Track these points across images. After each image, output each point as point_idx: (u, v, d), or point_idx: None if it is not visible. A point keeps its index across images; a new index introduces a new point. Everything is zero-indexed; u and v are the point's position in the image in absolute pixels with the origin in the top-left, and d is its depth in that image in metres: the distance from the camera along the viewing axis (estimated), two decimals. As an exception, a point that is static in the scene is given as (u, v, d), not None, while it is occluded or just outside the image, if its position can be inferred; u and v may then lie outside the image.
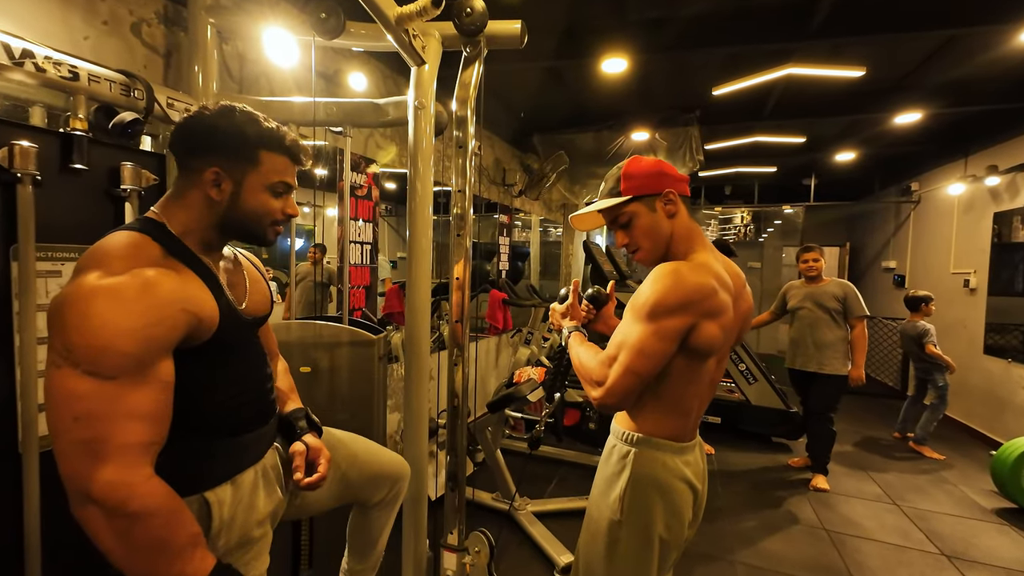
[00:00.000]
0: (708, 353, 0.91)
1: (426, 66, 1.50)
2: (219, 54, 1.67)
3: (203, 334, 0.79)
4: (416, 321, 1.54)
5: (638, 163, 1.01)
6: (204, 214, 0.83)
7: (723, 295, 0.90)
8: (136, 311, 0.68)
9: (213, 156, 0.82)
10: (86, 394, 0.65)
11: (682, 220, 0.99)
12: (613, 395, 0.89)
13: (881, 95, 3.17)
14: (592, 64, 2.75)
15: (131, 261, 0.72)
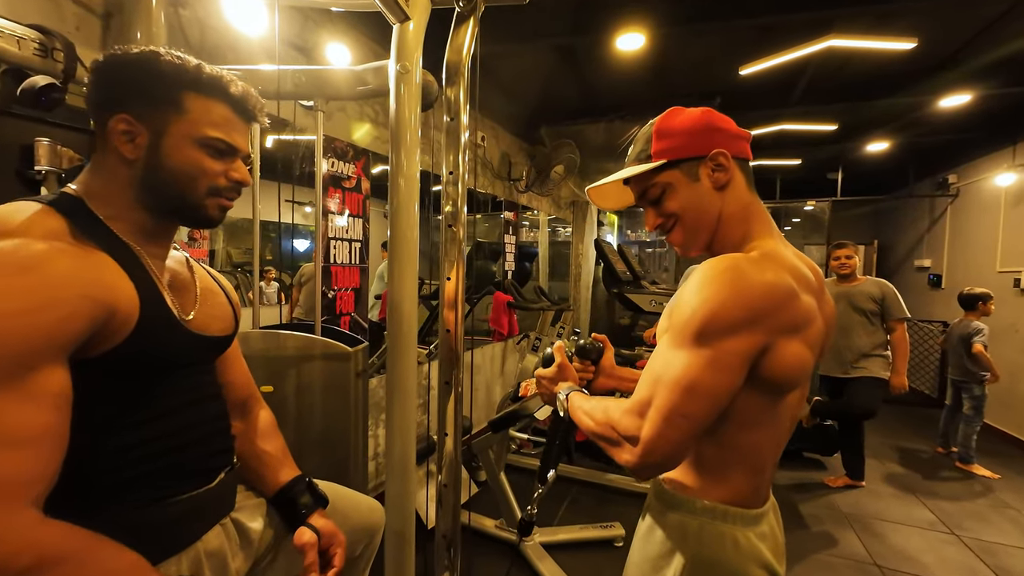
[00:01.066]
0: (791, 385, 0.64)
1: (411, 23, 1.24)
2: (172, 19, 1.44)
3: (114, 335, 0.59)
4: (400, 330, 1.28)
5: (676, 116, 0.73)
6: (122, 182, 0.65)
7: (806, 299, 0.63)
8: (12, 290, 0.51)
9: (123, 102, 0.64)
10: None
11: (737, 194, 0.71)
12: (656, 452, 0.60)
13: (927, 74, 2.86)
14: (606, 42, 2.48)
15: (17, 232, 0.55)
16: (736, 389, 0.60)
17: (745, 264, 0.62)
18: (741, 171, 0.71)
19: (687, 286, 0.63)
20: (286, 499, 0.82)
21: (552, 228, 6.05)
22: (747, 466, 0.68)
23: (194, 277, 0.77)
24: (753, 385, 0.62)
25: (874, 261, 5.94)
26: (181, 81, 0.64)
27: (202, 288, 0.77)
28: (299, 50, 1.88)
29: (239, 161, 0.71)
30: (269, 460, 0.85)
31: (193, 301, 0.74)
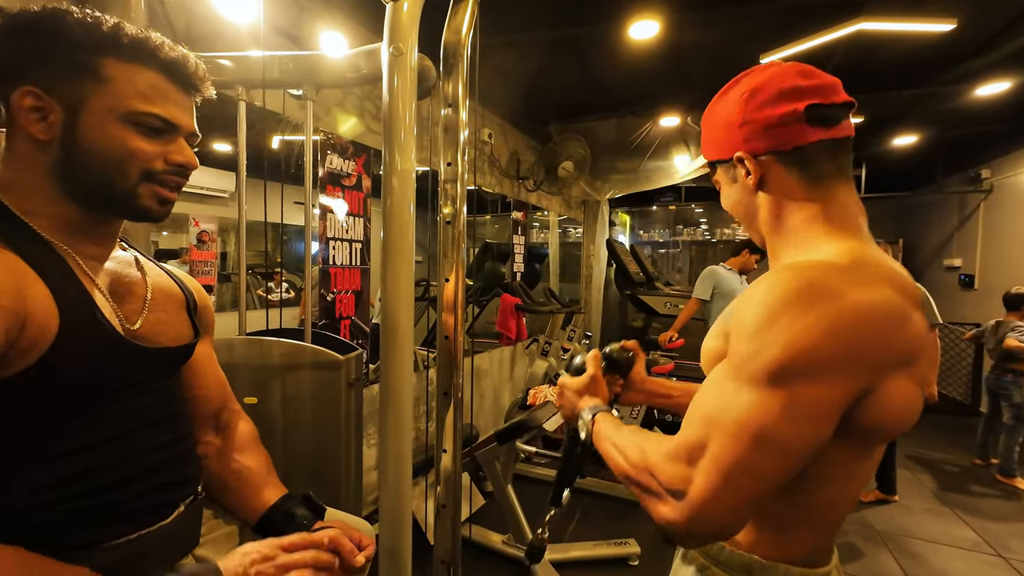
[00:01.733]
0: (893, 433, 0.50)
1: (405, 2, 1.14)
2: (156, 5, 1.35)
3: (25, 352, 0.50)
4: (395, 336, 1.17)
5: (717, 101, 0.61)
6: (38, 169, 0.55)
7: (917, 319, 0.49)
8: None
9: (27, 73, 0.53)
10: None
11: (778, 193, 0.57)
12: (708, 517, 0.45)
13: (962, 60, 2.68)
14: (617, 31, 2.36)
15: None
16: (824, 441, 0.46)
17: (836, 277, 0.46)
18: (786, 165, 0.56)
19: (753, 297, 0.49)
20: (278, 519, 0.70)
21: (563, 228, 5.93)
22: (818, 524, 0.55)
23: (145, 279, 0.66)
24: (843, 435, 0.47)
25: (899, 261, 5.70)
26: (97, 44, 0.54)
27: (154, 291, 0.66)
28: (293, 40, 1.80)
29: (181, 140, 0.60)
30: (250, 477, 0.74)
31: (140, 307, 0.63)
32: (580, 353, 0.78)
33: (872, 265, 0.50)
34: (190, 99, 0.63)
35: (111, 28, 0.55)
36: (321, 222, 2.00)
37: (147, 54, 0.57)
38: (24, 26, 0.53)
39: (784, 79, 0.56)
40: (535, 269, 4.25)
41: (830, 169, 0.56)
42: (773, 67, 0.58)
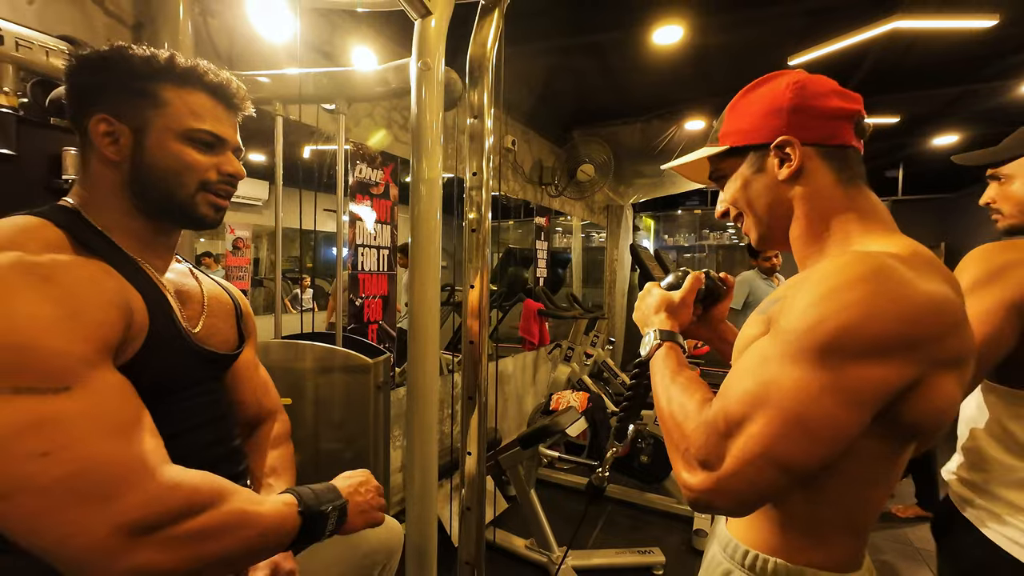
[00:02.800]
0: (932, 432, 0.49)
1: (432, 18, 1.18)
2: (201, 28, 1.44)
3: (125, 349, 0.56)
4: (422, 341, 1.21)
5: (754, 91, 0.60)
6: (112, 188, 0.62)
7: (969, 324, 0.48)
8: (56, 299, 0.49)
9: (99, 101, 0.61)
10: (45, 419, 0.45)
11: (818, 189, 0.56)
12: (730, 492, 0.46)
13: (1005, 56, 2.56)
14: (641, 36, 2.36)
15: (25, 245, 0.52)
16: (858, 433, 0.45)
17: (900, 266, 0.45)
18: (826, 160, 0.56)
19: (810, 277, 0.48)
20: None
21: (586, 233, 5.91)
22: (852, 527, 0.54)
23: (201, 288, 0.74)
24: (883, 430, 0.47)
25: (941, 265, 5.44)
26: (155, 73, 0.61)
27: (209, 299, 0.74)
28: (326, 56, 1.88)
29: (229, 153, 0.67)
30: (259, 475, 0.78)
31: (199, 313, 0.70)
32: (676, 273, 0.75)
33: (931, 261, 0.49)
34: (234, 116, 0.69)
35: (166, 59, 0.62)
36: (351, 229, 2.06)
37: (196, 79, 0.64)
38: (95, 62, 0.61)
39: (830, 82, 0.57)
40: (558, 274, 4.25)
41: (860, 174, 0.57)
42: (812, 74, 0.58)
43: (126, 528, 0.45)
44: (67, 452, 0.45)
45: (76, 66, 0.62)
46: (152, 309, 0.59)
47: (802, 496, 0.52)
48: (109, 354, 0.52)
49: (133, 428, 0.51)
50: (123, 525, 0.45)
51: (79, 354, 0.49)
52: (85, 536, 0.44)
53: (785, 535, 0.55)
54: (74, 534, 0.43)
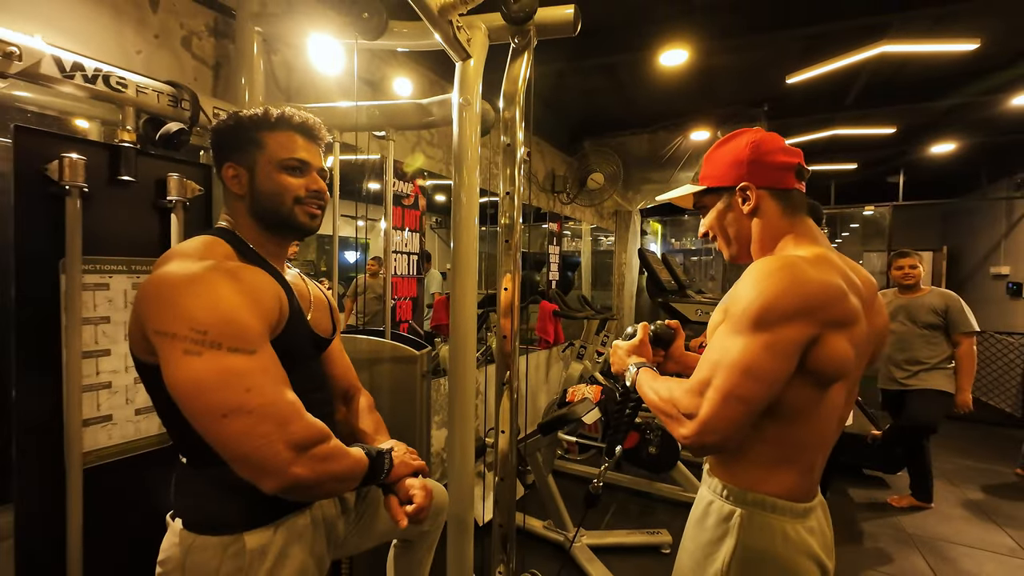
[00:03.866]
0: (835, 377, 0.70)
1: (471, 60, 1.39)
2: (266, 64, 1.66)
3: (276, 330, 0.78)
4: (462, 337, 1.41)
5: (722, 146, 0.83)
6: (244, 213, 0.85)
7: (853, 300, 0.70)
8: (243, 291, 0.72)
9: (226, 154, 0.85)
10: (245, 368, 0.66)
11: (770, 219, 0.79)
12: (712, 430, 0.68)
13: (995, 72, 2.73)
14: (648, 58, 2.55)
15: (211, 255, 0.75)
16: (789, 374, 0.67)
17: (801, 262, 0.69)
18: (775, 199, 0.78)
19: (743, 281, 0.71)
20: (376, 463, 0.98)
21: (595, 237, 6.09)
22: (795, 462, 0.74)
23: (308, 287, 0.96)
24: (801, 376, 0.68)
25: (943, 269, 5.55)
26: (258, 125, 0.83)
27: (315, 296, 0.96)
28: (370, 84, 2.09)
29: (314, 174, 0.87)
30: (364, 437, 1.00)
31: (308, 306, 0.92)
32: (632, 326, 1.00)
33: (829, 262, 0.71)
34: (316, 145, 0.90)
35: (263, 113, 0.84)
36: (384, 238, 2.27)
37: (285, 123, 0.85)
38: (223, 128, 0.85)
39: (779, 141, 0.79)
40: (569, 277, 4.44)
41: (799, 207, 0.79)
42: (760, 132, 0.81)
43: (293, 445, 0.66)
44: (259, 391, 0.66)
45: (214, 132, 0.86)
46: (290, 304, 0.81)
47: (758, 439, 0.73)
48: (269, 332, 0.74)
49: (287, 382, 0.72)
50: (292, 443, 0.66)
51: (259, 329, 0.71)
52: (270, 448, 0.65)
53: (746, 472, 0.76)
54: (263, 446, 0.64)
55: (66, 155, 1.09)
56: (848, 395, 0.76)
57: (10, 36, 1.00)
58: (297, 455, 0.67)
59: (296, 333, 0.82)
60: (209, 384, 0.64)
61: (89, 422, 1.17)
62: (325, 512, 0.89)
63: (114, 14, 1.31)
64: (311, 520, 0.84)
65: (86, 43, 1.26)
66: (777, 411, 0.70)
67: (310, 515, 0.84)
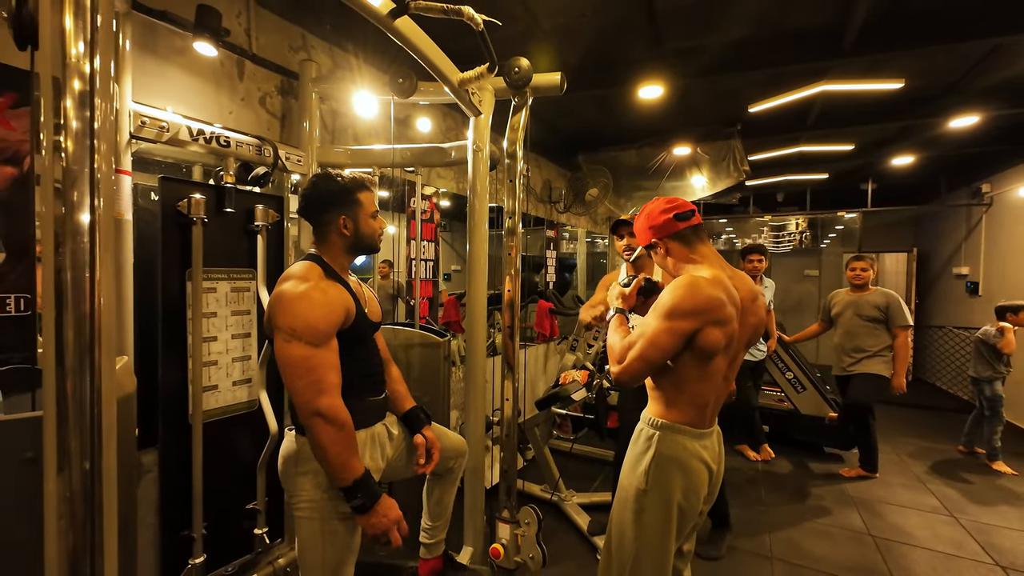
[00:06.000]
0: (711, 353, 1.11)
1: (482, 116, 1.82)
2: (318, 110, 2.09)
3: (348, 321, 1.20)
4: (475, 328, 1.84)
5: (638, 218, 1.28)
6: (339, 247, 1.29)
7: (729, 309, 1.11)
8: (325, 305, 1.14)
9: (336, 209, 1.26)
10: (308, 355, 1.09)
11: (679, 254, 1.22)
12: (625, 373, 1.13)
13: (930, 101, 3.15)
14: (629, 92, 2.97)
15: (311, 277, 1.17)
16: (677, 348, 1.10)
17: (701, 281, 1.11)
18: (675, 240, 1.21)
19: (668, 287, 1.13)
20: (410, 416, 1.42)
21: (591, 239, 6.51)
22: (694, 403, 1.17)
23: (362, 289, 1.38)
24: (691, 351, 1.11)
25: (914, 269, 5.97)
26: (355, 187, 1.27)
27: (368, 296, 1.38)
28: (399, 122, 2.52)
29: (380, 217, 1.33)
30: (399, 396, 1.44)
31: (365, 302, 1.34)
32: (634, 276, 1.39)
33: (720, 281, 1.13)
34: (375, 194, 1.33)
35: (352, 178, 1.27)
36: (406, 247, 2.70)
37: (365, 185, 1.29)
38: (334, 190, 1.25)
39: (660, 204, 1.24)
40: (565, 278, 4.86)
41: (695, 239, 1.21)
42: (654, 201, 1.25)
43: (315, 410, 1.08)
44: (314, 370, 1.08)
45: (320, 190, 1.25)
46: (356, 303, 1.23)
47: (670, 388, 1.17)
48: (337, 328, 1.15)
49: (336, 369, 1.13)
50: (316, 408, 1.07)
51: (327, 331, 1.12)
52: (305, 404, 1.08)
53: (666, 408, 1.20)
54: (303, 401, 1.08)
55: (193, 195, 1.52)
56: (730, 363, 1.19)
57: (161, 115, 1.43)
58: (314, 415, 1.07)
59: (361, 323, 1.24)
60: (291, 360, 1.07)
61: (206, 389, 1.60)
62: (376, 432, 1.31)
63: (215, 85, 1.74)
64: (368, 436, 1.28)
65: (196, 108, 1.69)
66: (682, 372, 1.14)
67: (367, 433, 1.28)
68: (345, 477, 1.10)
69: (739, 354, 1.22)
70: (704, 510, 1.25)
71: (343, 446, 1.09)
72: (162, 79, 1.59)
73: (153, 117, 1.41)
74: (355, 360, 1.23)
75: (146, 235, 1.50)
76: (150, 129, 1.41)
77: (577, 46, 2.59)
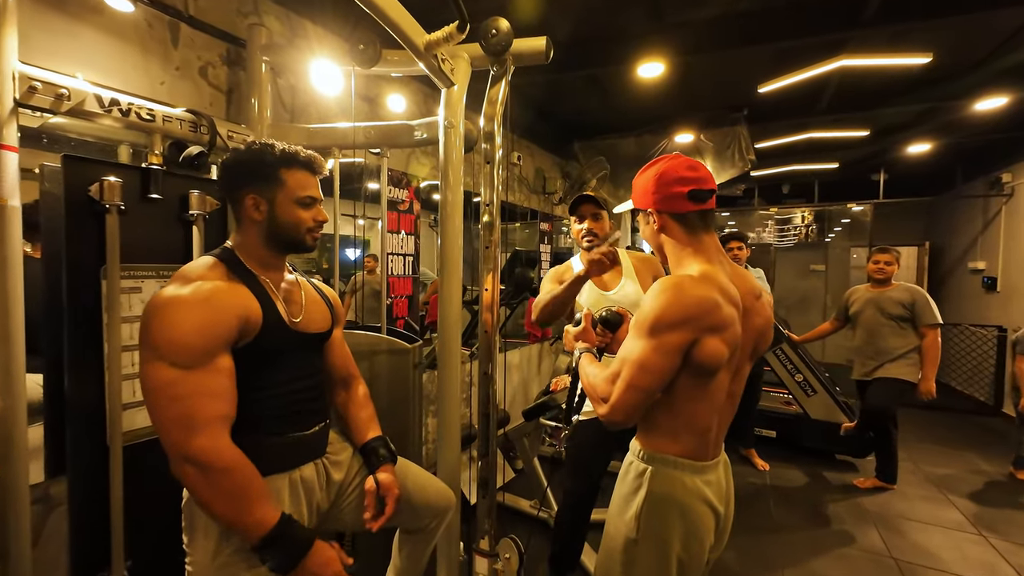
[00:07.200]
0: (713, 369, 0.88)
1: (455, 87, 1.57)
2: (273, 88, 1.84)
3: (250, 334, 0.94)
4: (448, 331, 1.60)
5: (643, 172, 1.00)
6: (253, 234, 1.01)
7: (727, 309, 0.87)
8: (205, 314, 0.87)
9: (248, 185, 0.99)
10: (174, 380, 0.83)
11: (673, 236, 0.96)
12: (617, 411, 0.88)
13: (956, 79, 2.89)
14: (628, 70, 2.72)
15: (199, 278, 0.91)
16: (675, 369, 0.86)
17: (686, 282, 0.87)
18: (675, 221, 0.95)
19: (648, 294, 0.89)
20: (367, 450, 1.15)
21: (588, 235, 6.26)
22: (692, 428, 0.93)
23: (301, 292, 1.11)
24: (688, 368, 0.87)
25: (925, 264, 5.72)
26: (279, 162, 0.98)
27: (307, 299, 1.11)
28: (366, 100, 2.27)
29: (319, 207, 1.05)
30: (359, 423, 1.19)
31: (300, 309, 1.08)
32: (581, 312, 1.18)
33: (711, 278, 0.89)
34: (317, 179, 1.07)
35: (280, 151, 1.00)
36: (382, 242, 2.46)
37: (298, 161, 1.01)
38: (245, 160, 0.99)
39: (679, 170, 0.95)
40: (561, 274, 4.62)
41: (700, 226, 0.95)
42: (675, 159, 0.97)
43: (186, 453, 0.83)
44: (184, 400, 0.83)
45: (235, 160, 1.00)
46: (265, 310, 0.96)
47: (663, 412, 0.93)
48: (226, 345, 0.89)
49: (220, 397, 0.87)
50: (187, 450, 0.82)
51: (203, 347, 0.85)
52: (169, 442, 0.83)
53: (656, 438, 0.96)
54: (167, 441, 0.83)
55: (105, 178, 1.28)
56: (734, 377, 0.95)
57: (59, 80, 1.19)
58: (183, 461, 0.82)
59: (272, 335, 0.96)
60: (151, 386, 0.83)
61: (127, 406, 1.37)
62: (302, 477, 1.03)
63: (142, 51, 1.49)
64: (287, 483, 1.00)
65: (118, 77, 1.44)
66: (676, 393, 0.90)
67: (285, 479, 1.00)
68: (249, 533, 0.85)
69: (744, 365, 0.98)
70: (712, 559, 1.02)
71: (233, 496, 0.84)
72: (72, 40, 1.35)
73: (48, 82, 1.17)
74: (266, 385, 0.98)
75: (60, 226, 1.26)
76: (43, 96, 1.16)
77: (568, 19, 2.34)
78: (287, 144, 1.03)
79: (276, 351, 1.00)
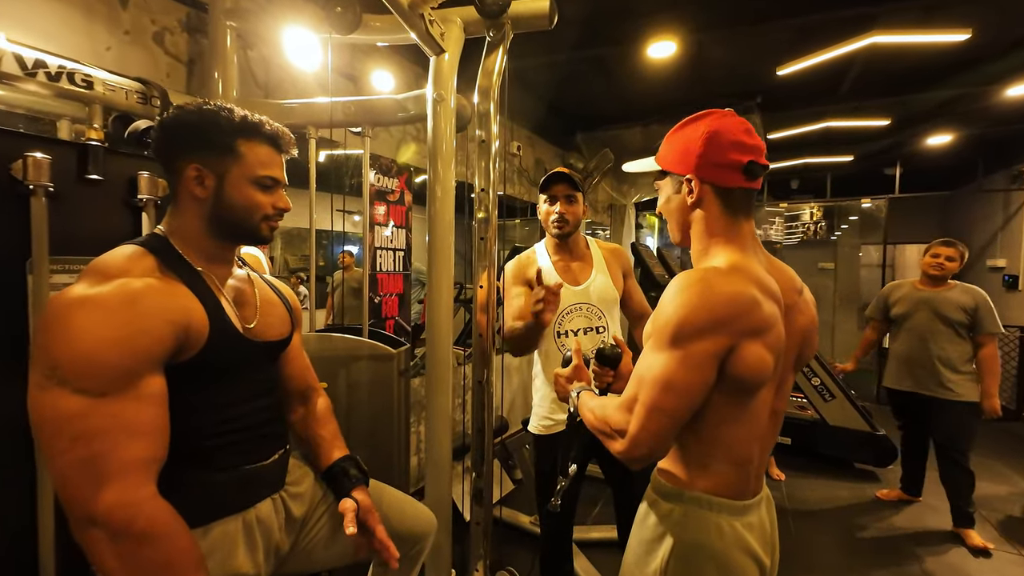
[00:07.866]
0: (756, 384, 0.69)
1: (446, 55, 1.37)
2: (242, 60, 1.64)
3: (192, 347, 0.73)
4: (437, 333, 1.41)
5: (683, 128, 0.78)
6: (194, 218, 0.80)
7: (768, 307, 0.68)
8: (127, 321, 0.66)
9: (192, 152, 0.78)
10: (79, 413, 0.62)
11: (710, 214, 0.76)
12: (640, 444, 0.68)
13: (988, 63, 2.69)
14: (636, 51, 2.52)
15: (122, 274, 0.70)
16: (708, 386, 0.67)
17: (713, 276, 0.68)
18: (717, 196, 0.75)
19: (665, 295, 0.70)
20: (334, 473, 0.95)
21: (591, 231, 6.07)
22: (729, 459, 0.73)
23: (255, 291, 0.91)
24: (723, 383, 0.68)
25: (941, 261, 5.52)
26: (234, 130, 0.78)
27: (262, 300, 0.91)
28: (349, 78, 2.07)
29: (281, 191, 0.85)
30: (322, 442, 0.99)
31: (254, 313, 0.87)
32: (570, 350, 0.98)
33: (743, 270, 0.70)
34: (283, 159, 0.87)
35: (240, 118, 0.79)
36: (369, 233, 2.26)
37: (260, 132, 0.81)
38: (190, 123, 0.78)
39: (737, 132, 0.74)
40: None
41: (742, 208, 0.76)
42: (729, 117, 0.76)
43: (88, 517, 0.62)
44: (93, 440, 0.62)
45: (175, 120, 0.78)
46: (212, 316, 0.75)
47: (692, 438, 0.73)
48: (156, 363, 0.69)
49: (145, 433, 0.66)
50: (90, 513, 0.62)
51: (124, 366, 0.64)
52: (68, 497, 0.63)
53: (683, 472, 0.76)
54: (67, 495, 0.63)
55: (30, 154, 1.08)
56: (777, 392, 0.76)
57: (-33, 34, 0.99)
58: (88, 524, 0.62)
59: (220, 346, 0.76)
60: (45, 419, 0.63)
61: (61, 422, 1.17)
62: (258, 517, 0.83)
63: (84, 11, 1.30)
64: (241, 525, 0.81)
65: (56, 41, 1.25)
66: (708, 414, 0.70)
67: (238, 522, 0.80)
68: None
69: (788, 376, 0.78)
70: None
71: (152, 573, 0.64)
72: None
73: (-50, 35, 0.97)
74: (214, 408, 0.78)
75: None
76: (-57, 52, 0.96)
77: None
78: (252, 113, 0.82)
79: (226, 366, 0.80)
